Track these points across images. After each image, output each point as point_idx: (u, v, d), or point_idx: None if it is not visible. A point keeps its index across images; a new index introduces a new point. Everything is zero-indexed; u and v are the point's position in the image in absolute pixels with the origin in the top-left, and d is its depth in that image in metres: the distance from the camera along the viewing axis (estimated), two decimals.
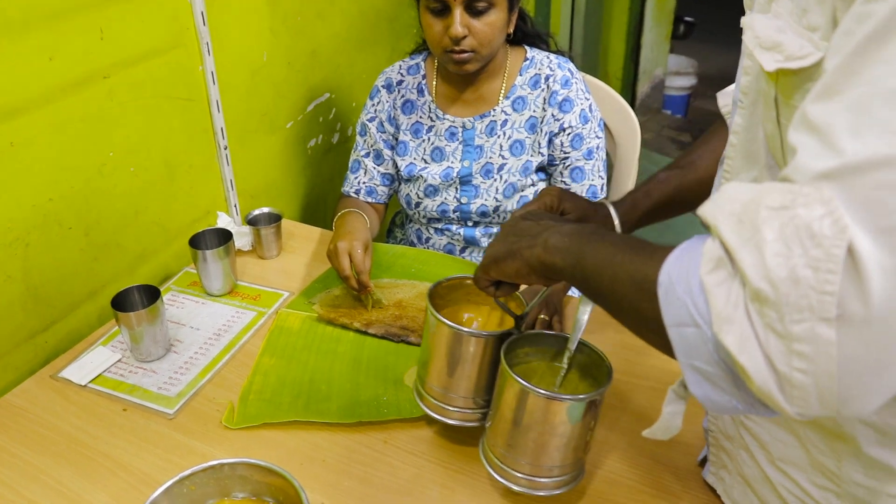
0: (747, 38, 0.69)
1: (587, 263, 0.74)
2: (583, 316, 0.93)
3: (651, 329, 0.62)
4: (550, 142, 1.57)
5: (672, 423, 0.71)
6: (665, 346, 0.60)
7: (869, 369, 0.50)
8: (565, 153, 1.56)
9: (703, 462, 1.05)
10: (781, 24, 0.65)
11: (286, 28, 1.77)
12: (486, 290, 0.95)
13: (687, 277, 0.57)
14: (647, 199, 1.12)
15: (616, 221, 1.08)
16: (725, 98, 1.08)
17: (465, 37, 1.43)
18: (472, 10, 1.42)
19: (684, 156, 1.15)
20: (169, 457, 1.09)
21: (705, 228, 0.60)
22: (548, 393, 0.88)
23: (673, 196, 1.11)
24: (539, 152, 1.58)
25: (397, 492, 1.03)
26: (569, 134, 1.55)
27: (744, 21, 0.72)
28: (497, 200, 1.59)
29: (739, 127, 0.77)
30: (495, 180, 1.59)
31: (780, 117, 0.67)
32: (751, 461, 0.86)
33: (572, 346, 0.95)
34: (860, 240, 0.48)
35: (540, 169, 1.60)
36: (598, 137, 1.57)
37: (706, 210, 0.59)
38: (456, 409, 1.03)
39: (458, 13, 1.41)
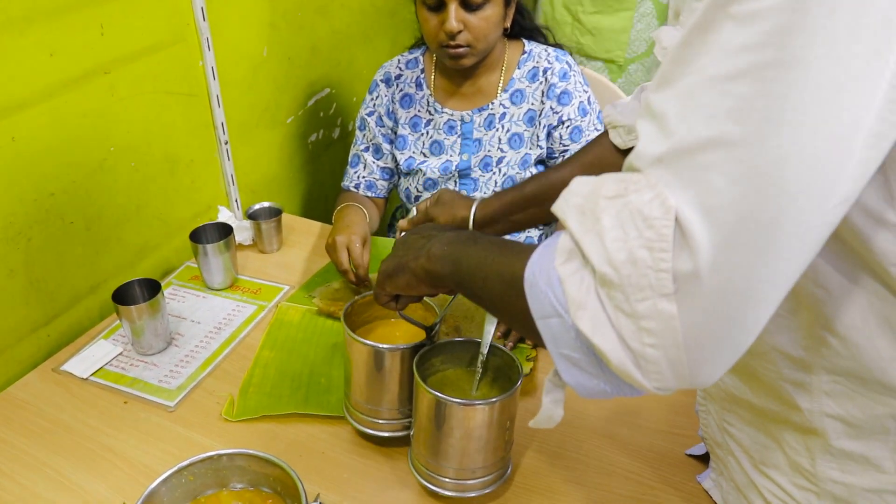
0: (657, 51, 0.73)
1: (463, 268, 0.77)
2: (490, 322, 0.98)
3: (523, 324, 0.64)
4: (549, 135, 1.58)
5: (554, 412, 0.73)
6: (538, 337, 0.62)
7: (711, 336, 0.53)
8: (564, 146, 1.56)
9: (694, 457, 1.06)
10: (680, 32, 0.67)
11: (286, 23, 1.78)
12: (387, 306, 0.97)
13: (547, 271, 0.59)
14: (512, 192, 1.17)
15: (471, 216, 1.15)
16: (611, 111, 1.11)
17: (460, 32, 1.43)
18: (468, 6, 1.42)
19: (566, 159, 1.21)
20: (169, 449, 1.10)
21: None
22: (459, 401, 0.91)
23: (534, 193, 1.15)
24: (538, 145, 1.58)
25: (395, 484, 1.04)
26: (568, 127, 1.56)
27: (653, 34, 0.77)
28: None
29: None
30: (494, 173, 1.60)
31: None
32: (738, 467, 0.87)
33: (484, 350, 0.98)
34: (687, 217, 0.51)
35: (539, 162, 1.60)
36: (597, 130, 1.58)
37: (557, 206, 0.61)
38: (384, 421, 1.05)
39: (454, 8, 1.41)
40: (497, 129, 1.60)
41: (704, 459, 1.04)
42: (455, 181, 1.62)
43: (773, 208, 0.50)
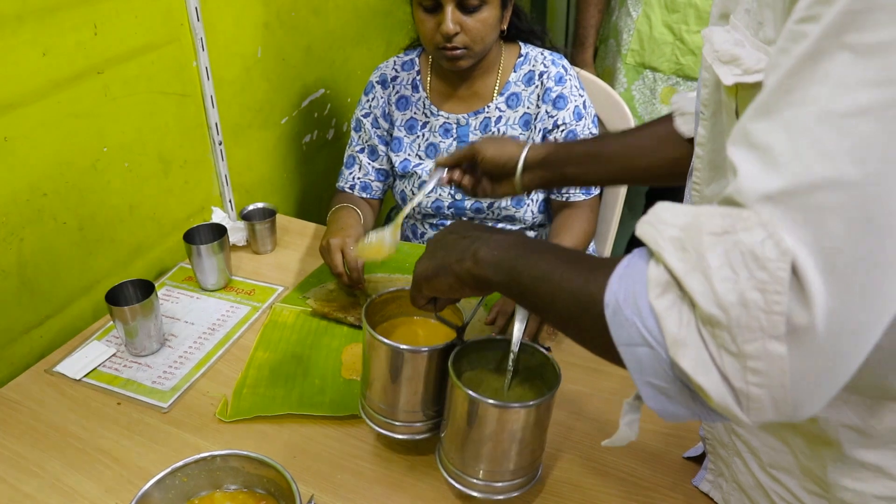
0: (706, 51, 0.70)
1: (523, 279, 0.73)
2: (520, 319, 0.94)
3: (599, 346, 0.63)
4: (544, 138, 1.58)
5: (630, 433, 0.72)
6: (614, 360, 0.61)
7: (817, 376, 0.52)
8: None
9: (691, 460, 1.05)
10: (739, 36, 0.65)
11: (280, 24, 1.78)
12: (424, 308, 0.94)
13: (634, 300, 0.57)
14: (573, 144, 1.13)
15: (522, 155, 1.10)
16: (680, 99, 1.07)
17: (456, 34, 1.43)
18: (464, 8, 1.42)
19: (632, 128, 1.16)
20: (163, 450, 1.09)
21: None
22: (497, 402, 0.88)
23: (603, 148, 1.10)
24: None
25: (390, 485, 1.03)
26: (562, 130, 1.56)
27: (703, 33, 0.72)
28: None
29: (703, 139, 0.78)
30: None
31: None
32: (744, 468, 0.87)
33: (514, 348, 0.95)
34: (803, 261, 0.49)
35: None
36: (592, 134, 1.58)
37: (645, 232, 0.59)
38: (404, 423, 1.02)
39: (450, 10, 1.41)
40: (493, 133, 1.59)
41: (699, 460, 1.04)
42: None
43: (891, 252, 0.49)
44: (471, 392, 0.89)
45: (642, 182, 1.14)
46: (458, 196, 1.61)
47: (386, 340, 0.96)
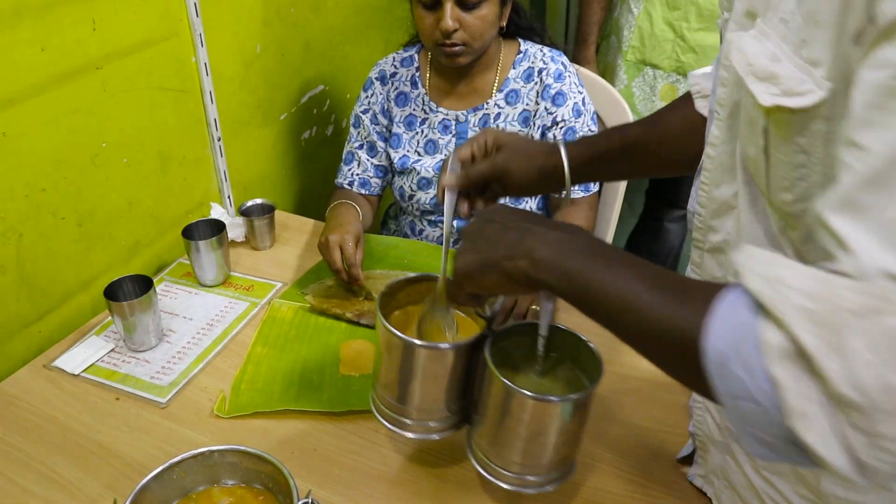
0: (738, 63, 0.65)
1: (593, 293, 0.66)
2: (547, 298, 0.88)
3: (689, 382, 0.60)
4: (543, 135, 1.58)
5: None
6: (705, 394, 0.58)
7: None
8: None
9: (684, 460, 1.05)
10: (773, 48, 0.61)
11: (280, 20, 1.78)
12: (465, 305, 0.89)
13: (744, 358, 0.53)
14: (603, 141, 1.04)
15: (566, 166, 1.01)
16: (700, 80, 1.01)
17: (456, 30, 1.43)
18: (464, 4, 1.42)
19: (653, 114, 1.09)
20: (161, 445, 1.10)
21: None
22: (539, 396, 0.84)
23: (633, 144, 1.03)
24: None
25: (387, 481, 1.04)
26: (561, 127, 1.56)
27: (730, 39, 0.68)
28: None
29: (717, 139, 0.76)
30: None
31: (769, 148, 0.65)
32: (736, 468, 0.86)
33: (543, 332, 0.89)
34: None
35: None
36: (591, 131, 1.58)
37: (760, 291, 0.54)
38: (436, 422, 0.96)
39: (449, 7, 1.41)
40: (495, 127, 1.60)
41: (688, 461, 1.04)
42: None
43: None
44: (511, 385, 0.83)
45: (671, 174, 1.09)
46: None
47: (406, 337, 0.89)
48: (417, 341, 0.89)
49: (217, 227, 1.46)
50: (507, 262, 0.74)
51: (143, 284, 1.27)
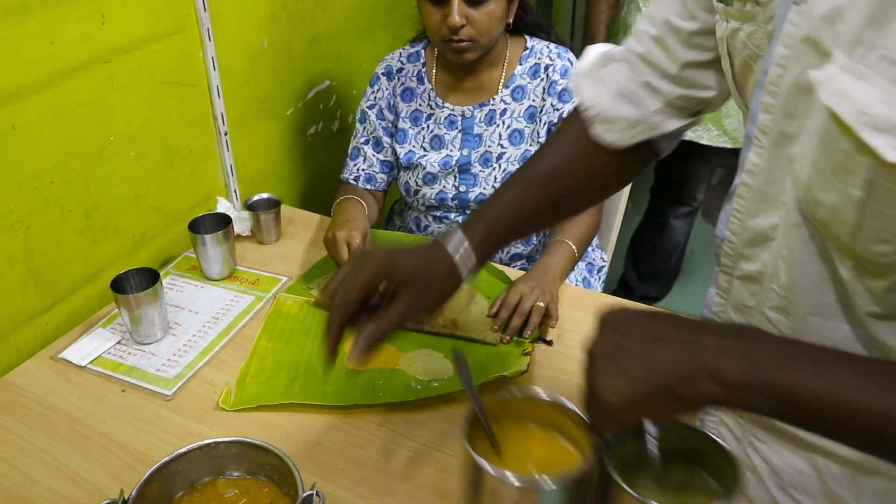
0: (842, 109, 0.57)
1: (808, 406, 0.57)
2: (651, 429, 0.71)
3: None
4: (549, 131, 1.58)
5: None
6: None
7: None
8: None
9: None
10: (884, 95, 0.54)
11: (286, 15, 1.78)
12: (617, 435, 0.72)
13: None
14: (493, 210, 0.95)
15: (466, 263, 0.88)
16: (594, 100, 0.92)
17: (463, 26, 1.43)
18: (471, 0, 1.43)
19: (534, 164, 0.99)
20: (166, 437, 1.10)
21: None
22: None
23: (532, 215, 0.95)
24: (538, 142, 1.59)
25: (391, 474, 1.04)
26: None
27: (818, 78, 0.59)
28: (495, 189, 1.60)
29: (756, 168, 0.72)
30: (494, 169, 1.60)
31: (870, 200, 0.58)
32: (758, 484, 0.83)
33: (651, 448, 0.72)
34: None
35: None
36: None
37: None
38: None
39: (456, 3, 1.42)
40: (498, 125, 1.60)
41: None
42: (455, 176, 1.62)
43: None
44: None
45: (571, 214, 1.08)
46: (462, 188, 1.61)
47: (512, 479, 0.72)
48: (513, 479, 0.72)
49: (223, 221, 1.47)
50: (683, 386, 0.61)
51: (150, 277, 1.28)
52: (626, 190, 1.84)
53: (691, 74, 0.86)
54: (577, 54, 1.64)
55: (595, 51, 0.96)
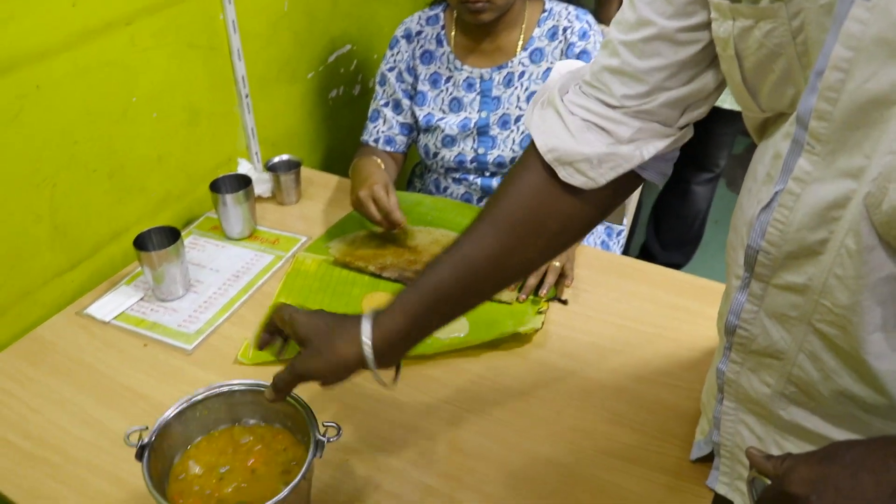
0: None
1: None
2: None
3: None
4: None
5: None
6: None
7: None
8: None
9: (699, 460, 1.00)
10: None
11: None
12: None
13: None
14: (412, 297, 0.86)
15: (368, 345, 0.85)
16: (560, 143, 0.83)
17: None
18: None
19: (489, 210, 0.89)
20: (186, 389, 1.11)
21: None
22: None
23: (455, 286, 0.87)
24: None
25: (404, 426, 1.07)
26: None
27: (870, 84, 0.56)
28: (514, 151, 1.60)
29: (808, 177, 0.65)
30: (512, 131, 1.61)
31: None
32: None
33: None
34: None
35: None
36: None
37: None
38: None
39: None
40: (516, 88, 1.60)
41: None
42: (473, 138, 1.62)
43: None
44: None
45: (527, 270, 0.96)
46: (481, 150, 1.62)
47: None
48: None
49: (244, 182, 1.49)
50: None
51: (171, 236, 1.30)
52: None
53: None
54: (596, 16, 1.63)
55: (556, 74, 0.90)
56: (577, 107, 0.83)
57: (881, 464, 0.55)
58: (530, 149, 0.87)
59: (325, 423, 0.87)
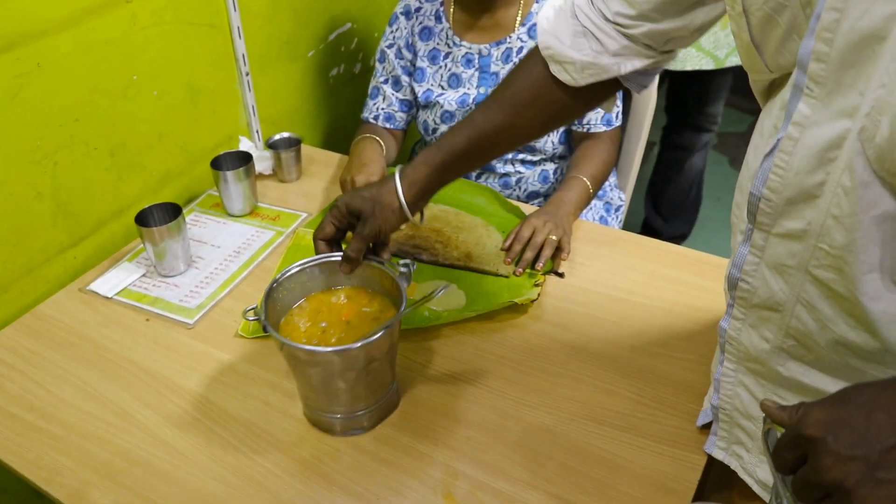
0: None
1: None
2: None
3: None
4: None
5: None
6: None
7: None
8: None
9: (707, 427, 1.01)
10: None
11: None
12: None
13: None
14: (436, 154, 1.05)
15: (402, 199, 1.03)
16: (552, 41, 0.98)
17: None
18: None
19: (496, 93, 1.07)
20: (188, 363, 1.15)
21: None
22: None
23: (468, 147, 1.05)
24: None
25: (406, 400, 1.08)
26: None
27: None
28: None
29: (807, 120, 0.66)
30: None
31: None
32: None
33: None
34: None
35: None
36: None
37: None
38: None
39: None
40: (515, 63, 1.60)
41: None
42: None
43: None
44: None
45: (527, 140, 1.12)
46: None
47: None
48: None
49: (245, 159, 1.50)
50: None
51: (173, 212, 1.32)
52: (647, 128, 1.83)
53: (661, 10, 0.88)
54: None
55: None
56: (582, 13, 0.95)
57: (894, 402, 0.57)
58: (534, 49, 1.02)
59: (398, 265, 1.02)
